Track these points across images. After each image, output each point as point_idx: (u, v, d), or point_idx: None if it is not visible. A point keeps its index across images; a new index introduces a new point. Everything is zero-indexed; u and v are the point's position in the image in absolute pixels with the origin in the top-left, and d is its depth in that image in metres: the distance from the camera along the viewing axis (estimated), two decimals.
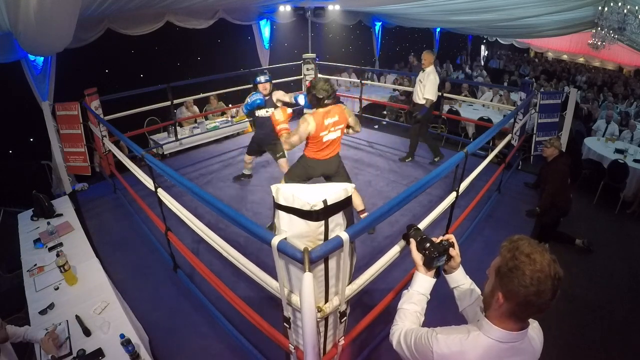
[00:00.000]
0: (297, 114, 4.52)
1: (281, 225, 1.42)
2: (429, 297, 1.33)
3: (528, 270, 0.91)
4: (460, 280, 1.34)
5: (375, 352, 2.27)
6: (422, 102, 4.62)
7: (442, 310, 1.55)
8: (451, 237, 1.33)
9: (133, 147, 2.75)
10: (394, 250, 1.77)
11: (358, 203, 3.29)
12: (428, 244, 1.30)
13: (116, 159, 4.06)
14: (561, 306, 2.87)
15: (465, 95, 7.39)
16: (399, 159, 5.20)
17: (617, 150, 4.97)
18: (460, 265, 1.34)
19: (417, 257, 1.33)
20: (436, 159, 5.02)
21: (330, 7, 7.43)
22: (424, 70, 4.59)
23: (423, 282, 1.31)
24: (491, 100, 7.21)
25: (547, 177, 3.70)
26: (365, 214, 3.28)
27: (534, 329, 1.08)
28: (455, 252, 1.31)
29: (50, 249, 2.91)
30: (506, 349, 1.00)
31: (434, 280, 1.33)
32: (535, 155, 5.05)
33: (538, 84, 9.44)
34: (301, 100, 3.61)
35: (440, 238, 1.33)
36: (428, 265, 1.30)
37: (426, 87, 4.51)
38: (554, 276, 0.91)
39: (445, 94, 5.83)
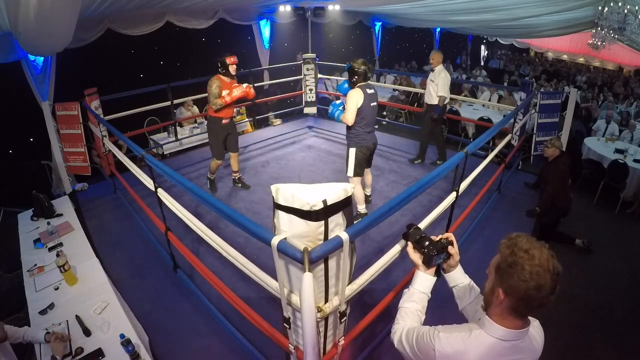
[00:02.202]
0: None
1: (281, 225, 1.42)
2: (430, 296, 1.33)
3: (527, 265, 0.92)
4: (458, 278, 1.34)
5: (376, 352, 2.27)
6: (435, 101, 4.61)
7: (442, 309, 1.56)
8: (450, 236, 1.34)
9: (133, 147, 2.75)
10: (394, 250, 1.77)
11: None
12: (427, 242, 1.31)
13: (116, 159, 4.06)
14: (561, 306, 2.87)
15: (465, 96, 7.39)
16: (409, 160, 5.15)
17: (617, 150, 4.97)
18: (459, 264, 1.35)
19: (415, 256, 1.34)
20: (439, 162, 5.02)
21: (330, 7, 7.43)
22: (433, 70, 4.60)
23: (424, 281, 1.31)
24: (489, 100, 7.21)
25: (548, 177, 3.70)
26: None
27: (535, 327, 1.08)
28: (454, 250, 1.31)
29: (50, 249, 2.91)
30: (508, 347, 1.00)
31: (435, 278, 1.33)
32: (535, 155, 5.05)
33: (538, 84, 9.44)
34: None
35: (440, 236, 1.34)
36: (427, 263, 1.30)
37: (439, 85, 4.52)
38: (553, 270, 0.92)
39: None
